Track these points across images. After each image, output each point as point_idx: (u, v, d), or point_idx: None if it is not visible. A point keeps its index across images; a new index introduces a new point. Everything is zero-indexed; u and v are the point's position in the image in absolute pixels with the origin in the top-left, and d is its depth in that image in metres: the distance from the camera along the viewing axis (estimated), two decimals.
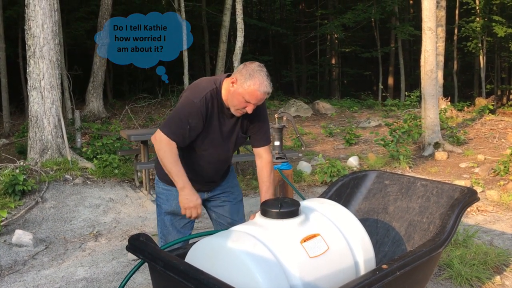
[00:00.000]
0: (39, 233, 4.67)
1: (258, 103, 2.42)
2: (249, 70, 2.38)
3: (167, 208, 2.71)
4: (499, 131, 9.44)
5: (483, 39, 18.56)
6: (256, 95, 2.37)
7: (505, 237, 4.31)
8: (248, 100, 2.38)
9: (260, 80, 2.36)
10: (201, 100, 2.42)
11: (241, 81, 2.37)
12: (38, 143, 6.42)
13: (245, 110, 2.43)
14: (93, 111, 12.57)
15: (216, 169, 2.69)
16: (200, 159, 2.59)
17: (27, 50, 6.45)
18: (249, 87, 2.35)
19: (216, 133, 2.52)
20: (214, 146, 2.55)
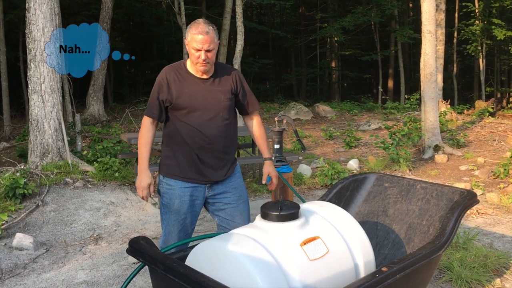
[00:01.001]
0: (39, 236, 4.67)
1: (205, 46, 2.60)
2: (189, 26, 2.68)
3: (171, 208, 2.78)
4: (499, 134, 9.45)
5: (482, 42, 18.59)
6: (198, 39, 2.59)
7: (505, 240, 4.32)
8: (195, 47, 2.60)
9: (196, 25, 2.63)
10: (162, 75, 2.74)
11: (187, 38, 2.66)
12: (39, 147, 6.43)
13: (200, 59, 2.62)
14: (94, 114, 12.59)
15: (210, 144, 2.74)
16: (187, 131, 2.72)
17: (28, 53, 6.47)
18: (191, 36, 2.62)
19: (190, 95, 2.71)
20: (200, 110, 2.71)
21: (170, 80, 2.71)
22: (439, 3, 11.42)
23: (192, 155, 2.73)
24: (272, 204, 2.19)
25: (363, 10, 18.94)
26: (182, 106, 2.69)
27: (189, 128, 2.71)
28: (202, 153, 2.74)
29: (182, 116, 2.71)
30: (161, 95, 2.71)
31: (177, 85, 2.71)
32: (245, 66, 18.26)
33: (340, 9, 22.46)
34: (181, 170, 2.76)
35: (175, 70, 2.75)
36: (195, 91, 2.71)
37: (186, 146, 2.73)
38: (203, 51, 2.60)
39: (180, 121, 2.72)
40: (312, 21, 23.08)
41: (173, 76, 2.73)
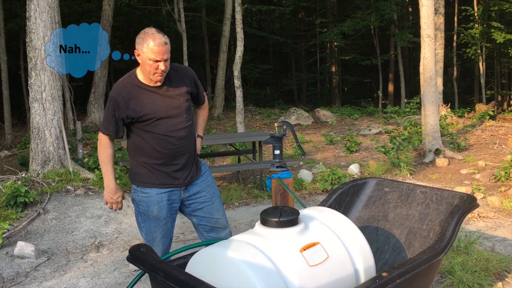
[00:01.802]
0: (41, 244, 4.68)
1: (165, 56, 2.58)
2: (141, 36, 2.62)
3: (150, 215, 2.79)
4: (500, 137, 9.44)
5: (482, 45, 18.61)
6: (156, 50, 2.56)
7: (507, 243, 4.31)
8: (154, 58, 2.57)
9: (152, 36, 2.58)
10: (116, 91, 2.69)
11: (140, 49, 2.61)
12: (40, 155, 6.44)
13: (159, 70, 2.60)
14: (95, 121, 12.62)
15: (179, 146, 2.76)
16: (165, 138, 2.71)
17: (29, 62, 6.50)
18: (147, 48, 2.57)
19: (152, 105, 2.68)
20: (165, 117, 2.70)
21: (125, 97, 2.67)
22: (438, 7, 11.44)
23: (165, 162, 2.75)
24: (272, 210, 2.20)
25: (363, 15, 19.00)
26: (146, 118, 2.68)
27: (158, 136, 2.71)
28: (175, 158, 2.76)
29: (148, 127, 2.70)
30: (117, 112, 2.67)
31: (135, 100, 2.67)
32: (245, 72, 18.30)
33: (340, 14, 22.52)
34: (156, 178, 2.76)
35: (128, 86, 2.70)
36: (154, 100, 2.70)
37: (156, 154, 2.73)
38: (162, 61, 2.58)
39: (147, 132, 2.71)
40: (312, 26, 23.15)
41: (127, 92, 2.68)
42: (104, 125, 2.74)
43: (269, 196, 6.12)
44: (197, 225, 2.95)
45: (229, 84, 16.47)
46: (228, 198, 6.22)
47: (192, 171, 2.86)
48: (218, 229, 2.93)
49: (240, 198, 6.29)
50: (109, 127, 2.72)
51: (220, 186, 6.94)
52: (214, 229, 2.92)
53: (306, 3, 23.37)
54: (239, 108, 10.38)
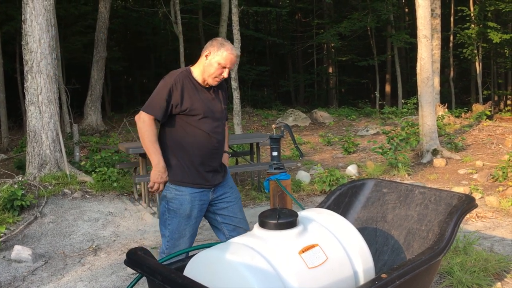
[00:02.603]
0: (38, 248, 4.65)
1: (232, 67, 2.85)
2: (219, 41, 2.85)
3: (182, 213, 2.85)
4: (497, 137, 9.46)
5: (478, 46, 18.66)
6: (231, 59, 2.82)
7: (505, 243, 4.31)
8: (224, 65, 2.81)
9: (230, 45, 2.84)
10: (174, 79, 2.81)
11: (215, 51, 2.82)
12: (37, 158, 6.42)
13: (222, 75, 2.85)
14: (92, 124, 12.59)
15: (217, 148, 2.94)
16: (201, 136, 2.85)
17: (25, 65, 6.48)
18: (223, 53, 2.80)
19: (201, 103, 2.85)
20: (211, 117, 2.87)
21: (184, 86, 2.81)
22: (435, 8, 11.47)
23: (202, 161, 2.86)
24: (270, 212, 2.19)
25: (359, 16, 19.02)
26: (196, 112, 2.81)
27: (202, 133, 2.84)
28: (210, 158, 2.90)
29: (195, 122, 2.83)
30: (171, 97, 2.77)
31: (191, 92, 2.83)
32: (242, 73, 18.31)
33: (336, 15, 22.54)
34: (190, 177, 2.85)
35: (186, 78, 2.85)
36: (204, 98, 2.87)
37: (197, 151, 2.85)
38: (227, 69, 2.83)
39: (193, 127, 2.83)
40: (309, 27, 23.16)
41: (186, 83, 2.83)
42: (152, 107, 2.78)
43: (267, 198, 6.11)
44: (220, 224, 3.02)
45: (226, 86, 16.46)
46: None
47: (222, 174, 3.01)
48: (240, 229, 3.00)
49: None
50: (159, 109, 2.77)
51: None
52: (236, 228, 3.01)
53: (303, 4, 23.40)
54: (236, 109, 10.37)
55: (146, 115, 2.79)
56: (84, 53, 16.29)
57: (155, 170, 2.83)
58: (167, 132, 2.87)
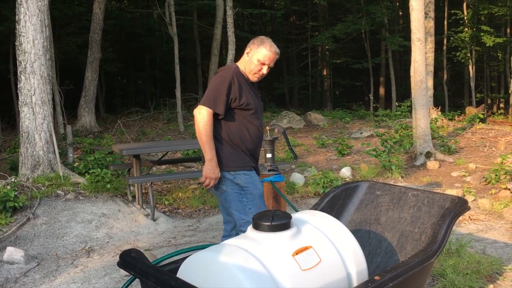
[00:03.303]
0: (30, 249, 4.63)
1: (271, 64, 2.99)
2: (259, 39, 3.02)
3: (258, 192, 3.01)
4: (490, 140, 9.51)
5: (472, 49, 18.78)
6: (269, 56, 2.96)
7: (498, 246, 4.33)
8: (263, 61, 2.96)
9: (270, 43, 3.00)
10: (231, 74, 2.93)
11: (255, 49, 2.99)
12: (30, 159, 6.39)
13: (261, 72, 2.99)
14: (85, 125, 12.54)
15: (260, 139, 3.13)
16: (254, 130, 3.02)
17: (18, 65, 6.44)
18: (263, 50, 2.96)
19: (253, 98, 3.03)
20: (256, 110, 3.03)
21: (240, 82, 2.95)
22: (428, 11, 11.53)
23: (252, 153, 3.06)
24: (264, 214, 2.19)
25: (354, 19, 19.09)
26: (250, 107, 2.98)
27: (254, 127, 3.02)
28: (256, 150, 3.10)
29: (249, 116, 2.99)
30: (231, 92, 2.89)
31: (246, 87, 2.99)
32: None
33: (331, 18, 22.61)
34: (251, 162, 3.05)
35: (239, 74, 3.00)
36: (254, 94, 3.06)
37: (250, 143, 3.02)
38: (267, 66, 2.98)
39: (247, 121, 2.99)
40: (303, 30, 23.21)
41: (240, 78, 2.98)
42: (213, 101, 2.86)
43: None
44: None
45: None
46: None
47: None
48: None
49: None
50: (220, 104, 2.86)
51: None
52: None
53: (298, 6, 23.45)
54: None
55: (207, 110, 2.85)
56: (78, 54, 16.24)
57: (208, 165, 2.88)
58: (223, 125, 2.95)
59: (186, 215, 5.86)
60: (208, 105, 2.85)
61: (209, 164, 2.87)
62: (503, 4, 17.58)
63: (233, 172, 2.95)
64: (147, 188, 6.22)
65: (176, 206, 6.23)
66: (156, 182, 7.19)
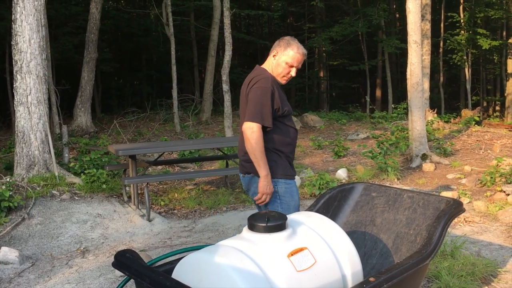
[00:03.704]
0: (25, 250, 4.61)
1: (299, 66, 2.95)
2: (285, 41, 2.95)
3: (293, 204, 2.99)
4: (485, 142, 9.54)
5: (468, 52, 18.84)
6: (297, 58, 2.92)
7: (492, 248, 4.34)
8: (291, 64, 2.92)
9: (297, 45, 2.94)
10: (271, 84, 2.90)
11: (282, 51, 2.93)
12: (25, 159, 6.36)
13: (290, 75, 2.96)
14: (81, 125, 12.50)
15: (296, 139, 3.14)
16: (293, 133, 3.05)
17: (14, 65, 6.42)
18: (291, 53, 2.90)
19: (287, 103, 3.03)
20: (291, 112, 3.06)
21: (278, 90, 2.94)
22: (425, 14, 11.57)
23: (291, 155, 3.07)
24: (259, 215, 2.19)
25: (350, 21, 19.12)
26: (289, 112, 3.01)
27: (293, 130, 3.05)
28: (293, 151, 3.11)
29: (288, 121, 3.03)
30: (274, 103, 2.89)
31: (281, 93, 2.98)
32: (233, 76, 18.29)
33: (328, 19, 22.64)
34: (290, 170, 3.05)
35: (275, 81, 2.97)
36: (285, 97, 3.06)
37: (290, 147, 3.04)
38: (295, 68, 2.94)
39: (286, 125, 3.01)
40: (300, 31, 23.23)
41: (276, 85, 2.96)
42: (262, 116, 2.82)
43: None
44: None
45: (218, 89, 16.46)
46: (216, 202, 6.20)
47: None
48: None
49: (228, 203, 6.26)
50: (268, 117, 2.84)
51: (207, 190, 6.91)
52: None
53: (295, 8, 23.46)
54: (227, 112, 10.38)
55: (256, 125, 2.80)
56: (75, 54, 16.19)
57: (264, 181, 2.86)
58: (265, 135, 2.90)
59: (182, 216, 5.85)
60: (257, 120, 2.81)
61: (265, 180, 2.85)
62: (499, 8, 17.65)
63: (275, 179, 2.94)
64: (142, 189, 6.21)
65: (172, 207, 6.22)
66: (152, 182, 7.18)
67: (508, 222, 5.03)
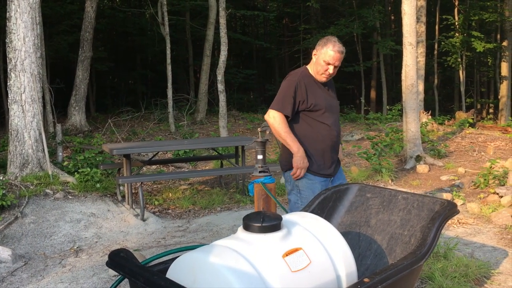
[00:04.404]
0: (18, 249, 4.58)
1: (336, 63, 3.08)
2: (324, 40, 3.13)
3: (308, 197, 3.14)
4: (479, 144, 9.59)
5: (462, 54, 18.93)
6: (333, 56, 3.06)
7: (486, 249, 4.36)
8: (328, 62, 3.07)
9: (333, 43, 3.09)
10: (298, 78, 3.14)
11: (319, 49, 3.12)
12: (19, 157, 6.33)
13: (327, 72, 3.10)
14: (75, 124, 12.45)
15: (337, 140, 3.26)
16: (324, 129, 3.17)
17: (8, 63, 6.39)
18: (327, 51, 3.06)
19: (323, 98, 3.17)
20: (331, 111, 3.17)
21: (306, 84, 3.12)
22: (420, 16, 11.61)
23: (326, 152, 3.19)
24: (254, 215, 2.18)
25: (346, 22, 19.16)
26: (318, 108, 3.12)
27: (325, 126, 3.15)
28: (332, 150, 3.23)
29: (319, 117, 3.14)
30: (298, 95, 3.09)
31: (313, 89, 3.14)
32: (229, 76, 18.29)
33: (323, 20, 22.67)
34: (317, 167, 3.17)
35: (307, 76, 3.17)
36: (323, 95, 3.19)
37: (321, 144, 3.17)
38: (332, 66, 3.08)
39: (317, 121, 3.14)
40: (296, 32, 23.26)
41: (307, 81, 3.14)
42: (281, 105, 3.11)
43: (252, 201, 6.11)
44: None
45: (213, 89, 16.44)
46: (210, 203, 6.19)
47: (338, 166, 3.36)
48: None
49: (222, 203, 6.26)
50: (288, 106, 3.10)
51: (202, 190, 6.90)
52: None
53: (290, 9, 23.48)
54: (222, 112, 10.37)
55: (276, 112, 3.11)
56: (69, 53, 16.12)
57: (296, 156, 3.09)
58: (292, 127, 3.16)
59: (176, 216, 5.84)
60: (277, 108, 3.10)
61: (297, 154, 3.08)
62: (493, 11, 17.75)
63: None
64: (137, 188, 6.19)
65: (166, 206, 6.21)
66: (146, 182, 7.16)
67: (501, 224, 5.05)
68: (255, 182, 3.64)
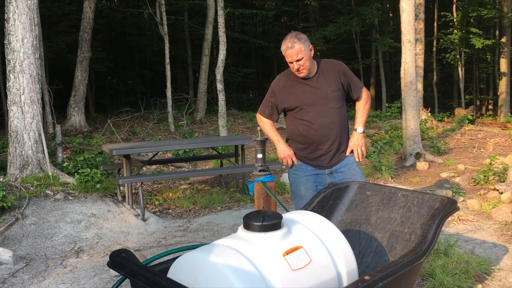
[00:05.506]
0: (19, 250, 4.58)
1: (293, 59, 3.11)
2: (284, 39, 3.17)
3: (298, 193, 3.40)
4: (479, 141, 9.59)
5: (461, 51, 18.92)
6: (287, 54, 3.13)
7: (486, 246, 4.37)
8: (289, 61, 3.16)
9: (284, 42, 3.15)
10: (276, 81, 3.37)
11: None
12: (18, 159, 6.33)
13: (295, 69, 3.18)
14: (75, 125, 12.44)
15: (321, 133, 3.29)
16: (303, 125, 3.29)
17: (7, 64, 6.39)
18: (283, 52, 3.16)
19: (299, 96, 3.26)
20: (311, 106, 3.24)
21: (280, 87, 3.32)
22: (418, 13, 11.60)
23: (308, 147, 3.32)
24: (255, 214, 2.19)
25: (344, 20, 19.15)
26: (294, 106, 3.27)
27: (303, 123, 3.27)
28: (319, 143, 3.30)
29: (297, 114, 3.28)
30: (273, 99, 3.36)
31: (287, 89, 3.29)
32: (227, 75, 18.30)
33: (322, 19, 22.66)
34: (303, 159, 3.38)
35: (286, 76, 3.33)
36: (303, 90, 3.25)
37: (302, 138, 3.32)
38: (294, 62, 3.13)
39: (296, 118, 3.31)
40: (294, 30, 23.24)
41: (283, 82, 3.32)
42: (262, 107, 3.44)
43: (252, 200, 6.11)
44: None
45: (212, 88, 16.42)
46: (210, 202, 6.19)
47: (336, 156, 3.38)
48: None
49: (222, 202, 6.26)
50: (266, 109, 3.42)
51: (202, 190, 6.91)
52: None
53: (289, 7, 23.47)
54: (221, 112, 10.36)
55: (258, 114, 3.47)
56: (68, 53, 16.10)
57: (278, 149, 3.41)
58: (286, 127, 3.45)
59: (176, 216, 5.84)
60: (259, 110, 3.45)
61: (279, 147, 3.39)
62: (492, 7, 17.74)
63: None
64: (137, 188, 6.20)
65: (166, 206, 6.21)
66: (146, 182, 7.16)
67: (501, 220, 5.06)
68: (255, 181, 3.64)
